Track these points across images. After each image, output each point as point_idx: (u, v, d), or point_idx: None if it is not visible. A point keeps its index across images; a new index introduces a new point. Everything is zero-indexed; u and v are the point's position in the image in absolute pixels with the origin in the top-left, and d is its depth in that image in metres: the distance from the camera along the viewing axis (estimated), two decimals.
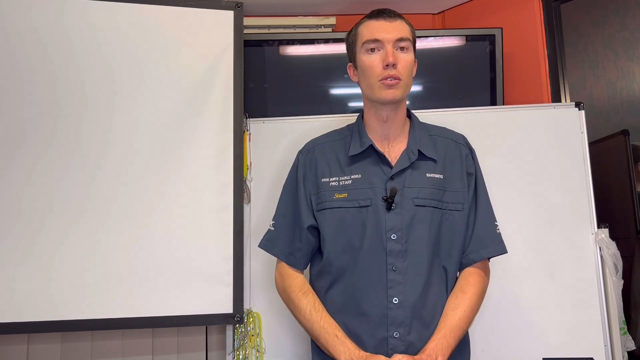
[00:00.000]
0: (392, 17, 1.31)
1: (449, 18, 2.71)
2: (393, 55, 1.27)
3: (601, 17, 2.47)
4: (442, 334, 1.23)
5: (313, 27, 2.58)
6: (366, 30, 1.32)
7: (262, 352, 1.78)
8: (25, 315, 1.63)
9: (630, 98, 2.39)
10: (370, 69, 1.29)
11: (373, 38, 1.29)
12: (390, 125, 1.34)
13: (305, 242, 1.38)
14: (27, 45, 1.72)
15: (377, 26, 1.30)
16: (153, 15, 1.82)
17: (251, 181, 1.88)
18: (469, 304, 1.27)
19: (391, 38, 1.28)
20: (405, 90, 1.31)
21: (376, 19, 1.31)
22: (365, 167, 1.33)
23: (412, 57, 1.32)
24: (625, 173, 2.20)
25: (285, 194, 1.45)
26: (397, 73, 1.27)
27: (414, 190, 1.29)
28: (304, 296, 1.33)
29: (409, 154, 1.32)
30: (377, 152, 1.33)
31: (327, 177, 1.36)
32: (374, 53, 1.30)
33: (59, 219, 1.69)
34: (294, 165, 1.45)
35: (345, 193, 1.32)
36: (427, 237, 1.28)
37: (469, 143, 1.42)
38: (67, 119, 1.73)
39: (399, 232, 1.26)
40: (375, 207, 1.28)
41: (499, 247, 1.35)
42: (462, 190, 1.33)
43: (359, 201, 1.30)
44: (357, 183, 1.32)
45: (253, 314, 1.81)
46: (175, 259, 1.73)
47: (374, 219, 1.28)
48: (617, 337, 1.73)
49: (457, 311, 1.26)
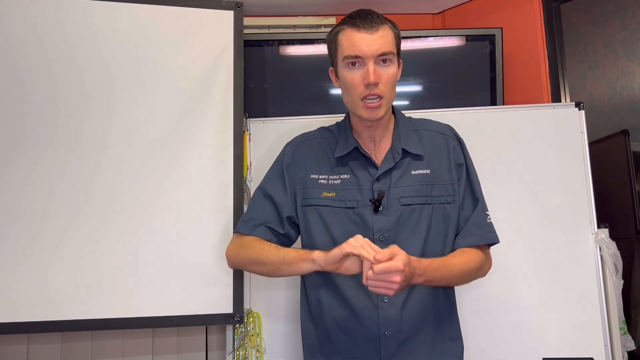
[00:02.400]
0: (374, 26, 1.23)
1: (449, 18, 2.70)
2: (374, 74, 1.21)
3: (601, 17, 2.47)
4: (435, 263, 1.19)
5: (313, 27, 2.58)
6: (347, 42, 1.24)
7: (262, 352, 1.78)
8: (25, 315, 1.63)
9: (630, 98, 2.39)
10: (351, 86, 1.25)
11: (354, 54, 1.23)
12: (375, 129, 1.33)
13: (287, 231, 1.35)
14: (26, 45, 1.72)
15: (359, 39, 1.22)
16: (153, 15, 1.82)
17: (251, 181, 1.88)
18: (465, 259, 1.25)
19: (372, 53, 1.22)
20: (387, 106, 1.28)
21: (357, 29, 1.23)
22: (353, 169, 1.33)
23: (394, 69, 1.26)
24: (625, 173, 2.20)
25: (267, 180, 1.40)
26: (378, 91, 1.23)
27: (399, 190, 1.29)
28: (265, 243, 1.29)
29: (394, 154, 1.31)
30: (362, 154, 1.33)
31: (317, 174, 1.35)
32: (354, 68, 1.24)
33: (58, 219, 1.69)
34: (278, 158, 1.42)
35: (333, 192, 1.31)
36: (416, 235, 1.27)
37: (456, 133, 1.39)
38: (66, 119, 1.73)
39: (386, 233, 1.26)
40: (362, 209, 1.28)
41: (488, 236, 1.32)
42: (451, 182, 1.32)
43: (346, 202, 1.30)
44: (346, 184, 1.31)
45: (253, 314, 1.80)
46: (175, 259, 1.74)
47: (360, 220, 1.27)
48: (617, 337, 1.73)
49: (454, 258, 1.24)
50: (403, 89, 2.31)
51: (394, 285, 1.07)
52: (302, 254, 1.20)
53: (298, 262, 1.21)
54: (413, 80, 2.31)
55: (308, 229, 1.33)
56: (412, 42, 2.30)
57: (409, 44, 2.29)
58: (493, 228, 1.34)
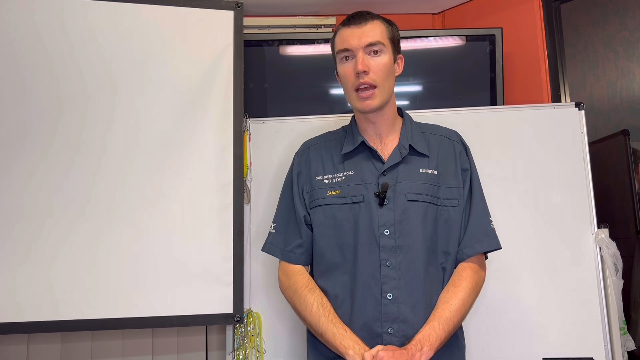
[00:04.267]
0: (362, 21, 1.30)
1: (449, 18, 2.71)
2: (362, 63, 1.26)
3: (601, 17, 2.47)
4: (431, 325, 1.22)
5: (313, 27, 2.58)
6: (339, 39, 1.33)
7: (262, 352, 1.78)
8: (25, 315, 1.63)
9: (630, 98, 2.39)
10: (345, 79, 1.32)
11: (344, 47, 1.30)
12: (380, 126, 1.36)
13: (305, 237, 1.38)
14: (28, 45, 1.72)
15: (348, 34, 1.30)
16: (153, 15, 1.82)
17: (251, 181, 1.88)
18: (461, 298, 1.27)
19: (360, 45, 1.28)
20: (383, 95, 1.30)
21: (347, 26, 1.31)
22: (358, 164, 1.35)
23: (386, 59, 1.30)
24: (625, 173, 2.20)
25: (283, 195, 1.46)
26: (369, 80, 1.27)
27: (406, 186, 1.30)
28: (310, 292, 1.33)
29: (400, 149, 1.33)
30: (369, 148, 1.35)
31: (321, 175, 1.37)
32: (347, 61, 1.31)
33: (59, 219, 1.69)
34: (290, 167, 1.47)
35: (337, 190, 1.33)
36: (422, 232, 1.28)
37: (462, 139, 1.42)
38: (68, 120, 1.73)
39: (391, 228, 1.27)
40: (368, 203, 1.29)
41: (493, 242, 1.34)
42: (457, 186, 1.34)
43: (352, 197, 1.31)
44: (350, 179, 1.33)
45: (253, 314, 1.80)
46: (175, 259, 1.73)
47: (366, 214, 1.28)
48: (617, 337, 1.73)
49: (449, 304, 1.26)
50: (403, 89, 2.31)
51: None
52: (339, 345, 1.23)
53: (332, 341, 1.25)
54: (413, 80, 2.31)
55: (317, 229, 1.35)
56: (412, 42, 2.30)
57: (409, 44, 2.29)
58: (496, 234, 1.35)
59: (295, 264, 1.39)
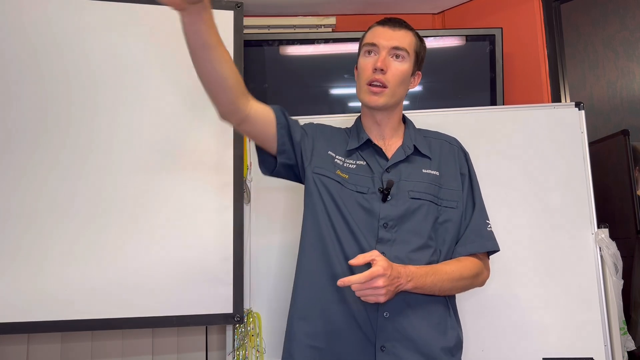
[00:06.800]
0: (397, 26, 1.34)
1: (449, 18, 2.71)
2: (383, 61, 1.29)
3: (601, 17, 2.47)
4: (423, 269, 1.21)
5: (313, 27, 2.58)
6: (370, 33, 1.36)
7: (262, 352, 1.78)
8: (25, 315, 1.63)
9: (630, 98, 2.39)
10: (362, 71, 1.34)
11: (371, 42, 1.33)
12: (384, 128, 1.38)
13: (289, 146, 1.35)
14: (26, 45, 1.72)
15: (380, 32, 1.34)
16: (152, 16, 1.82)
17: (251, 181, 1.88)
18: (458, 266, 1.26)
19: (387, 45, 1.31)
20: (391, 98, 1.32)
21: (382, 25, 1.35)
22: (365, 158, 1.36)
23: (406, 67, 1.33)
24: (625, 173, 2.20)
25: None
26: (383, 79, 1.30)
27: (409, 184, 1.31)
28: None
29: (405, 149, 1.36)
30: (374, 145, 1.36)
31: (333, 153, 1.37)
32: (369, 56, 1.33)
33: (59, 219, 1.69)
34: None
35: (346, 175, 1.33)
36: (420, 230, 1.28)
37: (462, 145, 1.45)
38: (69, 120, 1.73)
39: (391, 222, 1.27)
40: (371, 196, 1.30)
41: (488, 243, 1.34)
42: (457, 189, 1.35)
43: (357, 186, 1.31)
44: (361, 170, 1.34)
45: (253, 314, 1.80)
46: (175, 259, 1.74)
47: (368, 205, 1.29)
48: (617, 337, 1.73)
49: (445, 266, 1.26)
50: None
51: (380, 291, 1.10)
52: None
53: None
54: None
55: (318, 192, 1.32)
56: None
57: None
58: (493, 236, 1.36)
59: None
